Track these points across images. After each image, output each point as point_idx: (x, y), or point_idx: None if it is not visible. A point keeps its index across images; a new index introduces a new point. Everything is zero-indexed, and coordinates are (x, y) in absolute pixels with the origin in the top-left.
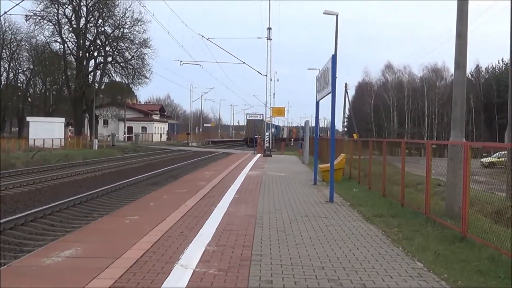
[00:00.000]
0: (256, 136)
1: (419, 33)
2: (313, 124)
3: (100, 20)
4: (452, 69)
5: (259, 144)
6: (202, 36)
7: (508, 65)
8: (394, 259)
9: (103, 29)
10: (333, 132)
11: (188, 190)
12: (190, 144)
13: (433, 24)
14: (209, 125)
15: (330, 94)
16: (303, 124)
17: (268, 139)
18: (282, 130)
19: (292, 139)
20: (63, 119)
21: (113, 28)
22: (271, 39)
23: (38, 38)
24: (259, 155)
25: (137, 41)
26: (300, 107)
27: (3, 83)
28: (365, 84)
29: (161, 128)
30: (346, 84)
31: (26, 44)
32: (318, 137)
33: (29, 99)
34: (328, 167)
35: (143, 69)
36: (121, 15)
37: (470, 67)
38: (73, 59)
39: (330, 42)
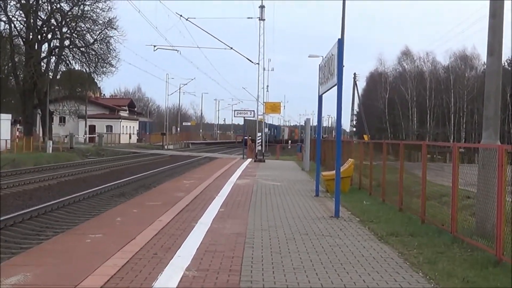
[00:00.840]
0: (246, 137)
1: (444, 11)
2: (315, 123)
3: None
4: (484, 56)
5: (249, 147)
6: (181, 16)
7: None
8: (414, 287)
9: (58, 5)
10: (339, 132)
11: (163, 202)
12: (166, 147)
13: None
14: (189, 123)
15: (336, 87)
16: (303, 123)
17: (260, 141)
18: (283, 130)
19: (290, 142)
20: (9, 116)
21: (71, 4)
22: (264, 20)
23: None
24: (249, 160)
25: (100, 21)
26: (298, 102)
27: None
28: (378, 74)
29: (130, 127)
30: (355, 74)
31: None
32: (321, 138)
33: None
34: (333, 175)
35: (108, 55)
36: None
37: (506, 54)
38: (22, 42)
39: (336, 24)
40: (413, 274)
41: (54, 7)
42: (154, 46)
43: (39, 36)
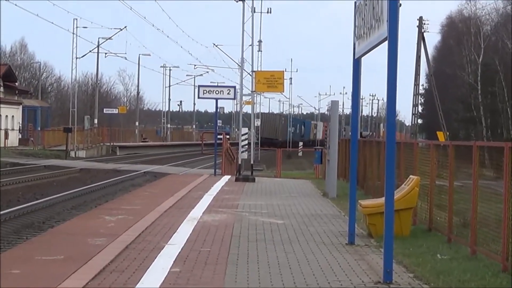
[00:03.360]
0: (220, 136)
1: None
2: (347, 111)
3: None
4: None
5: (226, 154)
6: None
7: None
8: None
9: None
10: (391, 127)
11: (67, 256)
12: (74, 153)
13: None
14: (115, 110)
15: (387, 42)
16: (324, 110)
17: (246, 143)
18: (314, 127)
19: (300, 148)
20: None
21: None
22: None
23: None
24: (226, 178)
25: None
26: (316, 73)
27: None
28: (464, 20)
29: (6, 118)
30: (421, 20)
31: None
32: (359, 138)
33: None
34: (379, 206)
35: None
36: None
37: None
38: None
39: None
40: None
41: None
42: None
43: None
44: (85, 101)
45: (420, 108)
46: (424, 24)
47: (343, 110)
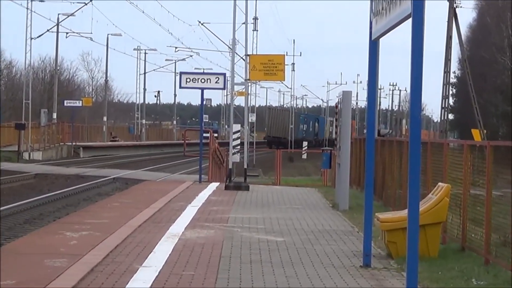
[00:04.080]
0: (207, 135)
1: None
2: (361, 104)
3: None
4: None
5: (214, 156)
6: None
7: None
8: None
9: None
10: (415, 124)
11: (19, 281)
12: (29, 155)
13: None
14: (78, 102)
15: (410, 20)
16: (332, 102)
17: (238, 142)
18: (330, 124)
19: (305, 149)
20: None
21: None
22: None
23: None
24: (214, 186)
25: None
26: (322, 59)
27: None
28: None
29: None
30: None
31: None
32: (377, 137)
33: None
34: (401, 220)
35: None
36: None
37: None
38: None
39: None
40: None
41: None
42: None
43: None
44: (42, 92)
45: (451, 101)
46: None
47: (357, 103)
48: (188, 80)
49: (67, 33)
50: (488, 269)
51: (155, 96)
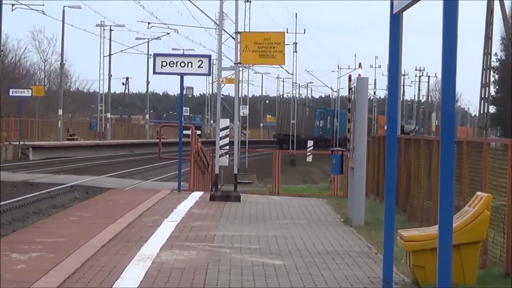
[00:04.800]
0: (186, 134)
1: None
2: (382, 94)
3: None
4: None
5: (196, 157)
6: None
7: None
8: None
9: None
10: (448, 118)
11: None
12: None
13: None
14: (27, 91)
15: None
16: (343, 92)
17: (227, 142)
18: (348, 121)
19: (310, 150)
20: None
21: None
22: None
23: None
24: (197, 196)
25: None
26: (331, 38)
27: None
28: None
29: None
30: None
31: None
32: (400, 135)
33: None
34: (430, 238)
35: None
36: None
37: None
38: None
39: None
40: None
41: None
42: None
43: None
44: None
45: (492, 90)
46: None
47: (375, 93)
48: (164, 63)
49: (13, 4)
50: None
51: (123, 84)
